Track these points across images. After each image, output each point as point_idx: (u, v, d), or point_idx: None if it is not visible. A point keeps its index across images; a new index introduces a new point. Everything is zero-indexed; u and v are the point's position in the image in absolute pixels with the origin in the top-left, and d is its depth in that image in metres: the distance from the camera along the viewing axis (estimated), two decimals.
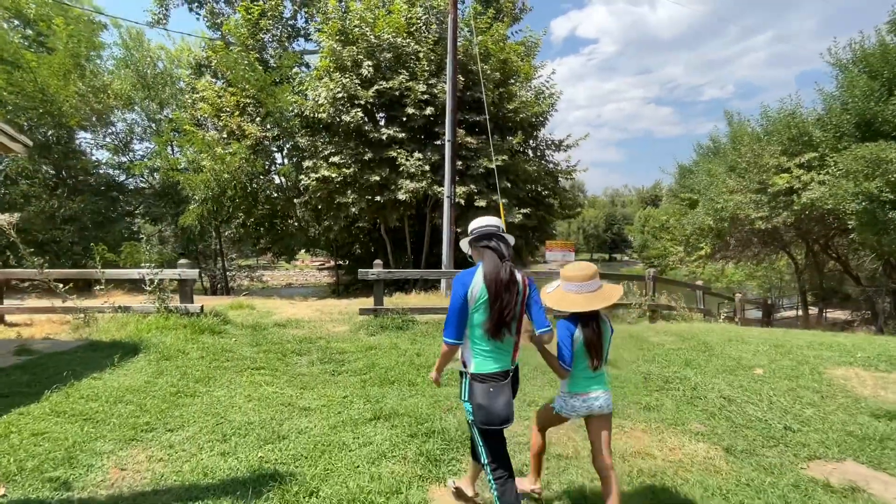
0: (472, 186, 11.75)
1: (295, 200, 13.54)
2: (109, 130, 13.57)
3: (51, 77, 12.01)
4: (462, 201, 11.34)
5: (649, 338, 6.11)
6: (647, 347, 5.68)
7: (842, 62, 12.19)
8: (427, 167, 11.33)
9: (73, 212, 12.57)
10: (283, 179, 14.18)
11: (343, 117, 11.28)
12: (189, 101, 14.16)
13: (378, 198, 11.61)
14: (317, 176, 11.36)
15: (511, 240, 2.13)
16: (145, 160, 13.26)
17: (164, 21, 16.57)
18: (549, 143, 14.49)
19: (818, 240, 14.93)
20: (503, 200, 11.87)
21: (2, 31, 12.07)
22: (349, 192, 11.78)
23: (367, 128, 11.54)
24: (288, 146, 13.58)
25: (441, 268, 13.48)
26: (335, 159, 11.45)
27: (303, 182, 11.88)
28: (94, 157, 13.19)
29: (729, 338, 5.99)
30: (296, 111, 12.48)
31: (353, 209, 11.77)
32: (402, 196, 11.13)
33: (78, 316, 6.31)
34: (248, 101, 12.73)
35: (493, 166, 11.41)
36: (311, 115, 12.22)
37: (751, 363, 5.00)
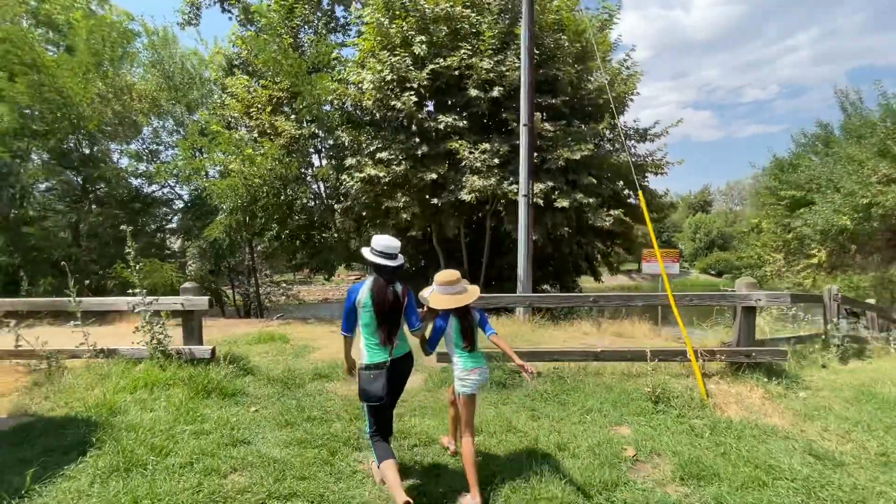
0: (549, 183, 9.46)
1: (336, 207, 11.66)
2: (133, 136, 12.24)
3: (70, 78, 10.75)
4: (540, 201, 9.06)
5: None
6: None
7: None
8: (496, 160, 9.15)
9: (92, 226, 11.17)
10: (321, 185, 12.37)
11: (392, 103, 9.31)
12: (218, 100, 12.68)
13: (434, 200, 9.51)
14: (361, 176, 9.41)
15: (400, 261, 2.72)
16: (168, 165, 11.77)
17: (196, 21, 15.40)
18: (633, 131, 12.02)
19: None
20: (588, 199, 9.50)
21: (22, 32, 10.94)
22: (399, 194, 9.76)
23: (420, 116, 9.53)
24: (327, 145, 11.76)
25: (512, 284, 11.24)
26: (383, 155, 9.47)
27: (345, 184, 9.96)
28: (118, 164, 11.86)
29: None
30: (336, 103, 10.66)
31: (404, 215, 9.72)
32: (465, 196, 8.97)
33: (39, 365, 4.43)
34: (281, 94, 11.03)
35: (579, 156, 9.12)
36: (355, 105, 10.37)
37: None
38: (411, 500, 2.28)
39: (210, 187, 10.42)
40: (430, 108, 10.66)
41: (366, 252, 2.72)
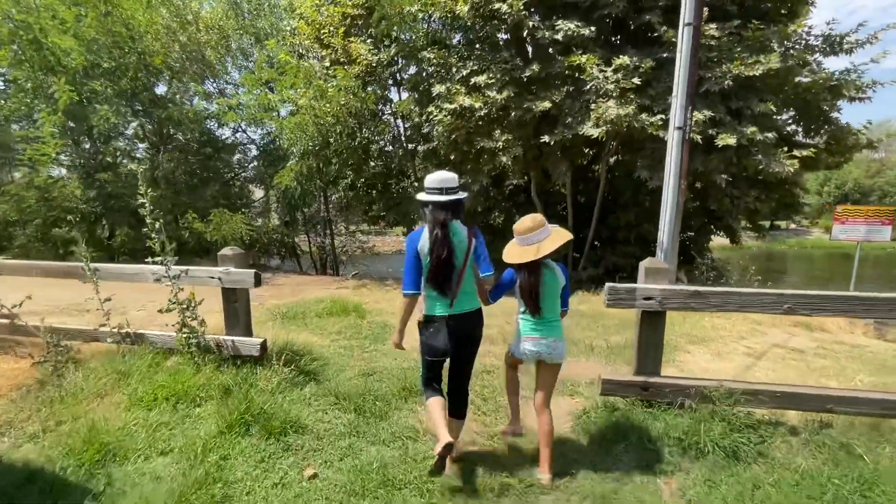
0: (706, 112, 6.81)
1: (419, 149, 9.89)
2: (203, 73, 11.18)
3: (133, 4, 9.71)
4: (697, 137, 6.54)
5: None
6: None
7: None
8: (635, 81, 6.64)
9: (165, 172, 10.50)
10: (402, 125, 10.58)
11: (495, 6, 7.03)
12: (287, 28, 11.11)
13: (545, 137, 7.32)
14: (451, 108, 7.42)
15: (461, 196, 2.22)
16: (232, 102, 10.60)
17: None
18: (821, 38, 8.56)
19: None
20: (764, 135, 6.77)
21: None
22: (497, 131, 7.69)
23: (531, 24, 7.17)
24: (408, 73, 9.82)
25: (628, 249, 8.99)
26: (479, 80, 7.35)
27: (431, 118, 8.06)
28: (187, 105, 10.97)
29: None
30: (421, 17, 8.58)
31: (503, 157, 7.68)
32: (591, 131, 6.67)
33: (46, 356, 3.27)
34: (355, 12, 9.14)
35: (760, 71, 6.37)
36: (444, 18, 8.23)
37: None
38: (453, 440, 2.09)
39: (278, 127, 9.08)
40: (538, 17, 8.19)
41: (420, 195, 2.24)
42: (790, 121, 8.65)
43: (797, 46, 8.23)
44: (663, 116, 6.66)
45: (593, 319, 5.21)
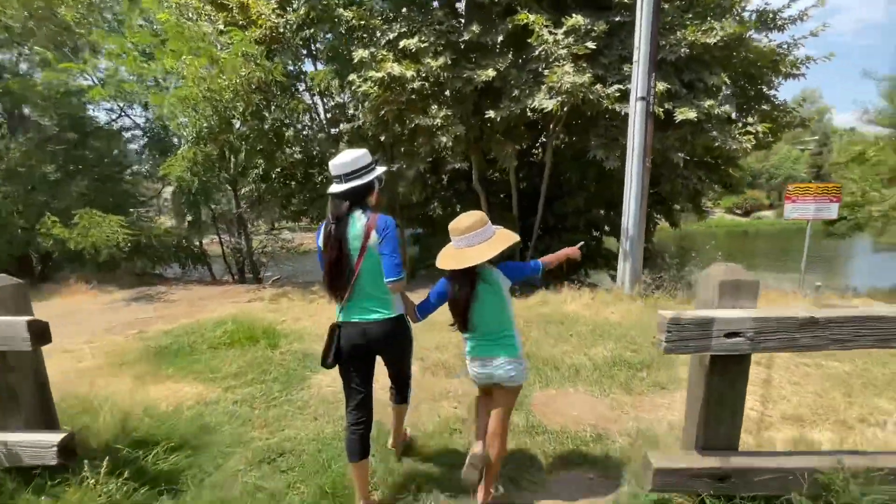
0: (663, 84, 6.18)
1: (340, 130, 8.48)
2: (56, 38, 8.79)
3: None
4: (659, 110, 5.87)
5: None
6: None
7: None
8: (590, 45, 5.79)
9: (10, 164, 8.16)
10: (320, 103, 9.09)
11: None
12: None
13: (490, 113, 6.30)
14: (378, 76, 6.15)
15: (366, 180, 1.85)
16: (85, 66, 8.43)
17: None
18: (756, 14, 8.34)
19: None
20: (721, 109, 6.31)
21: None
22: (435, 105, 6.56)
23: None
24: (324, 42, 8.34)
25: (573, 237, 8.39)
26: (409, 43, 6.14)
27: (354, 90, 6.73)
28: (41, 82, 8.60)
29: None
30: None
31: (443, 137, 6.58)
32: (545, 103, 5.73)
33: None
34: None
35: (714, 39, 5.83)
36: None
37: None
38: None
39: (158, 104, 7.25)
40: None
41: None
42: (734, 97, 8.40)
43: (736, 20, 7.92)
44: (620, 87, 5.91)
45: (563, 326, 4.33)
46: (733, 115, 6.94)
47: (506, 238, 1.85)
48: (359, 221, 1.81)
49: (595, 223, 9.17)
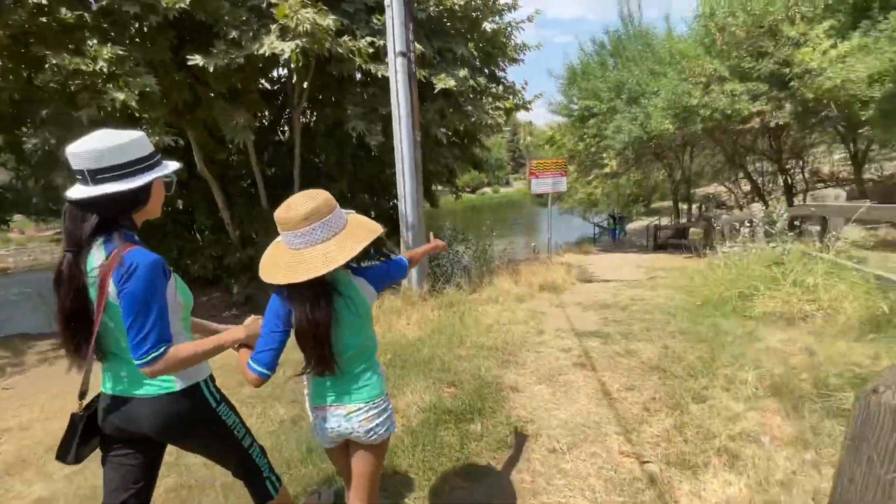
0: (417, 46, 5.46)
1: None
2: None
3: None
4: (423, 73, 5.08)
5: None
6: None
7: None
8: None
9: None
10: None
11: None
12: None
13: (197, 59, 4.25)
14: None
15: (127, 186, 1.11)
16: None
17: None
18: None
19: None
20: (478, 80, 6.12)
21: None
22: (96, 38, 4.08)
23: None
24: None
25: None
26: None
27: None
28: None
29: None
30: None
31: (119, 94, 4.16)
32: (280, 45, 4.10)
33: None
34: None
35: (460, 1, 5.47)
36: None
37: None
38: None
39: None
40: None
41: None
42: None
43: None
44: (373, 41, 4.84)
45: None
46: (488, 88, 6.96)
47: (366, 228, 1.21)
48: (96, 255, 1.12)
49: (363, 209, 8.13)
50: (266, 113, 8.09)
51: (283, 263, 1.17)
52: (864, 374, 2.07)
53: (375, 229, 1.23)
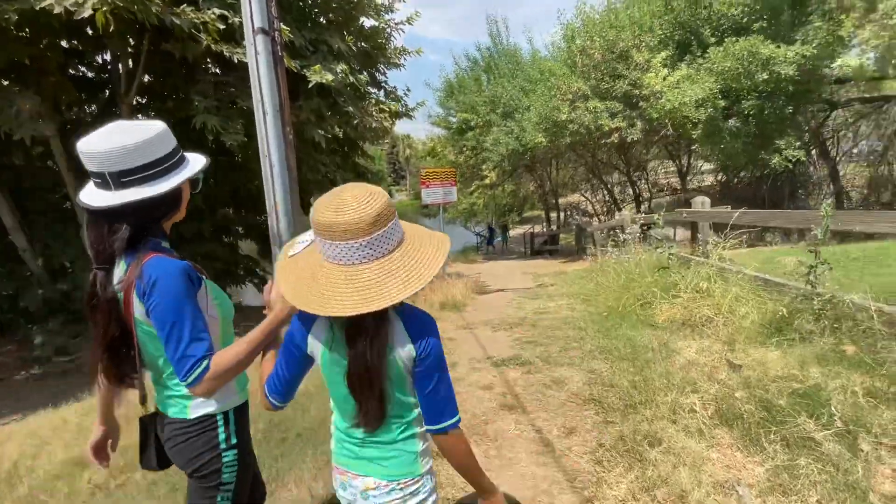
0: (286, 28, 4.67)
1: None
2: None
3: None
4: (294, 66, 4.27)
5: None
6: None
7: None
8: None
9: None
10: None
11: None
12: None
13: None
14: None
15: (115, 200, 0.93)
16: None
17: None
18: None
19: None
20: (358, 76, 5.54)
21: None
22: None
23: None
24: None
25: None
26: None
27: None
28: None
29: None
30: None
31: None
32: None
33: None
34: None
35: None
36: None
37: None
38: None
39: None
40: None
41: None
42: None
43: None
44: (225, 14, 3.91)
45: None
46: (368, 93, 6.34)
47: (439, 243, 0.93)
48: (118, 269, 1.00)
49: (225, 226, 6.84)
50: (85, 107, 6.38)
51: (328, 283, 0.86)
52: (804, 389, 1.97)
53: (441, 247, 0.92)
